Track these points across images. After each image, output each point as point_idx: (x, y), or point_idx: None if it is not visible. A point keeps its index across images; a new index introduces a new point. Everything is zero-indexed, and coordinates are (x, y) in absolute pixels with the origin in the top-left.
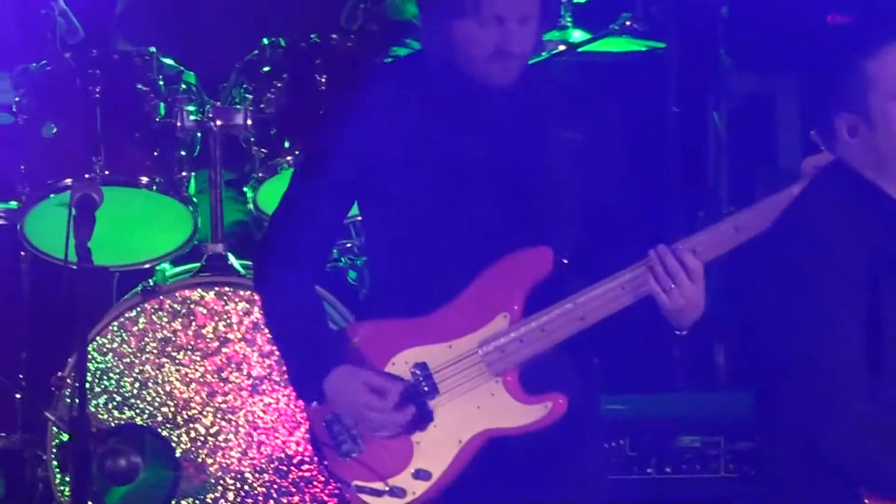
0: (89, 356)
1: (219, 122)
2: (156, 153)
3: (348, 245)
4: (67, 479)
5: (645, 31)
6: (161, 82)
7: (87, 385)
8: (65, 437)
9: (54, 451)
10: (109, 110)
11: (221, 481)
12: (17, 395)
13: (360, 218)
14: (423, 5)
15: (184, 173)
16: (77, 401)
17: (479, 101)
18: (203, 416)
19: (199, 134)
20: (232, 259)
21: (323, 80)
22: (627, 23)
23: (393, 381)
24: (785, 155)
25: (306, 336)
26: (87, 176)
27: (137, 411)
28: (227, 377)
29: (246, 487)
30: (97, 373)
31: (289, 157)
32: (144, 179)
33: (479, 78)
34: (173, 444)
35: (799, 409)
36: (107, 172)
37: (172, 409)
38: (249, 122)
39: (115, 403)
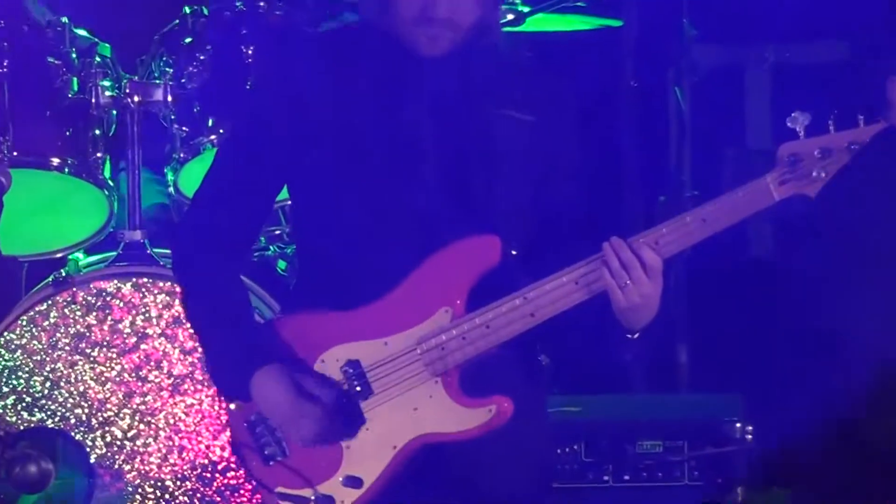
0: None
1: (136, 99)
2: (68, 132)
3: (277, 232)
4: None
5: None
6: (74, 55)
7: None
8: None
9: None
10: (18, 86)
11: (140, 490)
12: None
13: (290, 202)
14: None
15: (98, 154)
16: None
17: (417, 75)
18: (120, 418)
19: (115, 111)
20: (151, 247)
21: (249, 52)
22: None
23: (326, 389)
24: (754, 134)
25: (231, 330)
26: None
27: (49, 413)
28: (146, 376)
29: (167, 496)
30: (5, 371)
31: (213, 136)
32: (56, 161)
33: (409, 47)
34: (88, 449)
35: (844, 402)
36: (15, 153)
37: (87, 410)
38: (170, 98)
39: (24, 405)
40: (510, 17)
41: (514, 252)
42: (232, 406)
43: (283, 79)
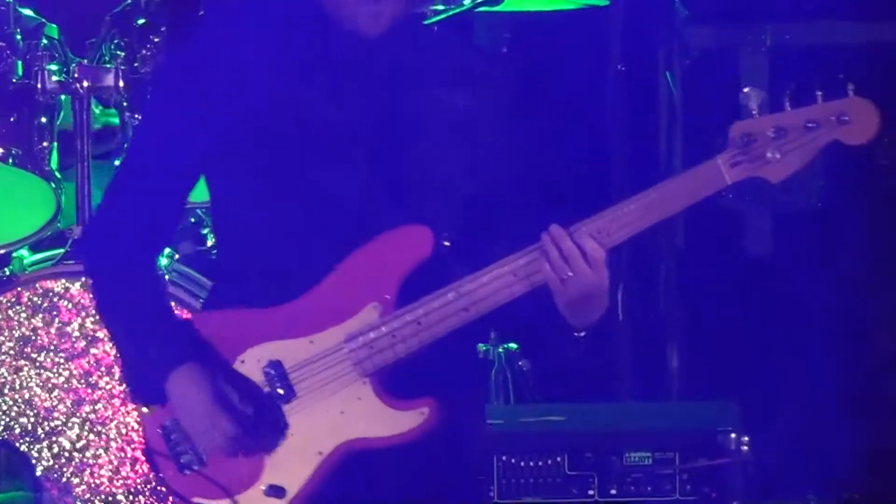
0: None
1: (86, 84)
2: (12, 119)
3: None
4: None
5: None
6: (18, 37)
7: None
8: None
9: None
10: None
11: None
12: None
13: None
14: None
15: (45, 143)
16: None
17: (350, 54)
18: (68, 428)
19: (62, 97)
20: None
21: None
22: None
23: (247, 398)
24: None
25: (145, 327)
26: None
27: None
28: (96, 383)
29: None
30: None
31: None
32: None
33: (347, 24)
34: (33, 461)
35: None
36: None
37: (32, 419)
38: (122, 83)
39: None
40: (467, 2)
41: (447, 243)
42: (144, 409)
43: (206, 55)
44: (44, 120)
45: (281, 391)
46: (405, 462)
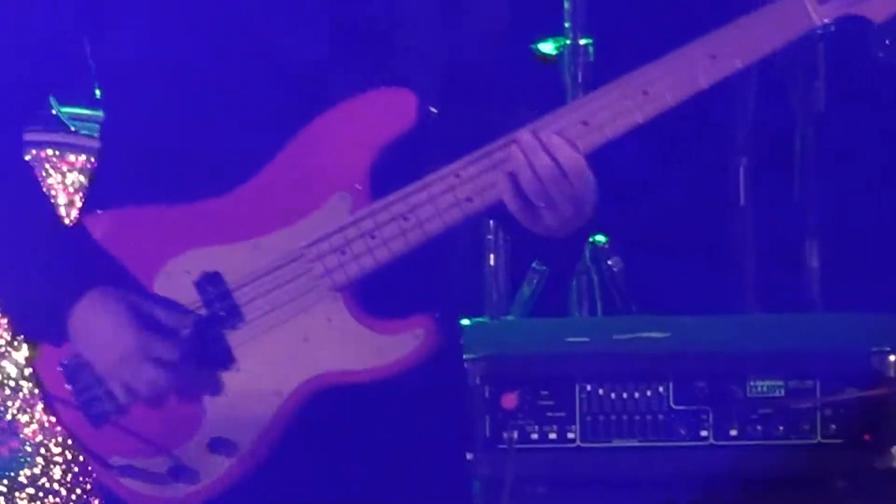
0: None
1: None
2: None
3: None
4: None
5: None
6: None
7: None
8: None
9: None
10: None
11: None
12: None
13: None
14: None
15: None
16: None
17: None
18: (14, 348)
19: None
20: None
21: None
22: None
23: (180, 316)
24: None
25: (21, 238)
26: None
27: None
28: None
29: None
30: None
31: None
32: None
33: None
34: None
35: None
36: None
37: None
38: None
39: None
40: None
41: (434, 109)
42: (30, 351)
43: None
44: None
45: (223, 313)
46: (394, 403)
